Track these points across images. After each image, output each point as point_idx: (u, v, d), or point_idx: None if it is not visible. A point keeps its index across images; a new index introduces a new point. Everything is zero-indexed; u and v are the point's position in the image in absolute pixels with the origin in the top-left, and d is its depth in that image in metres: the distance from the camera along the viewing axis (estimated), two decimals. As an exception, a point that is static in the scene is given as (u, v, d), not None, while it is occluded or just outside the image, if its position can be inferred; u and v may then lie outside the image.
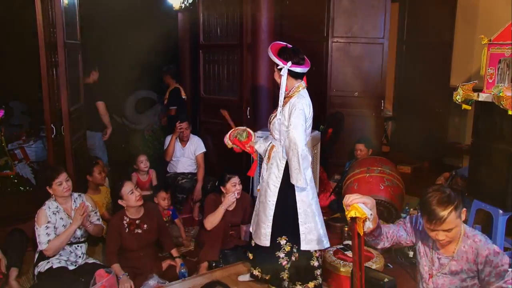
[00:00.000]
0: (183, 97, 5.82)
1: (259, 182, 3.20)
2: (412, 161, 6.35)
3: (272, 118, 3.03)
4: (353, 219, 1.94)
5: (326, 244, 3.04)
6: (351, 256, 3.26)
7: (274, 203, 2.97)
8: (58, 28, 4.00)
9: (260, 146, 3.22)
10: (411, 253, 3.57)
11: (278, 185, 2.96)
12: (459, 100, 3.36)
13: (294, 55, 2.86)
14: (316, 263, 3.04)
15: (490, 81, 3.26)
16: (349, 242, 3.55)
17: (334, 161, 5.57)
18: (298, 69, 2.86)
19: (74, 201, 3.33)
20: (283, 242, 3.01)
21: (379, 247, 2.29)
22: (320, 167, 4.89)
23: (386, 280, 2.62)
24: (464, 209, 2.08)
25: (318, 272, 3.05)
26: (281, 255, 3.02)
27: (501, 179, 3.19)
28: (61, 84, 4.07)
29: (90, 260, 3.36)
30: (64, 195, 3.23)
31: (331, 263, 3.22)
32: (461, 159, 5.85)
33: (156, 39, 6.85)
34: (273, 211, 2.97)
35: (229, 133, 3.36)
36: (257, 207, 3.18)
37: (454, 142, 6.06)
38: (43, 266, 3.15)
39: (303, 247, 2.97)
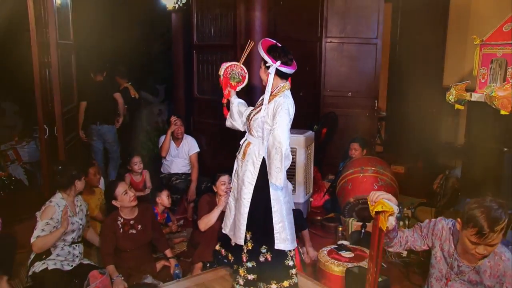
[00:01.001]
0: (133, 96, 6.03)
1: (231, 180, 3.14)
2: (405, 161, 6.36)
3: (253, 114, 2.99)
4: (378, 213, 1.96)
5: (295, 243, 3.01)
6: (345, 256, 3.27)
7: (249, 200, 2.91)
8: (51, 28, 3.99)
9: (237, 102, 3.18)
10: (404, 253, 3.58)
11: (254, 183, 2.91)
12: (452, 100, 3.39)
13: (283, 55, 2.86)
14: (291, 263, 2.98)
15: (483, 81, 3.29)
16: (344, 242, 3.56)
17: (328, 161, 5.59)
18: (285, 69, 2.86)
19: (77, 200, 3.38)
20: (248, 236, 2.94)
21: (391, 250, 2.30)
22: (314, 167, 4.90)
23: (380, 279, 2.64)
24: None
25: (293, 271, 2.99)
26: (245, 249, 2.96)
27: (494, 178, 3.21)
28: (54, 84, 4.06)
29: (85, 261, 3.35)
30: (82, 189, 3.41)
31: (325, 262, 3.22)
32: (454, 159, 5.88)
33: (150, 40, 6.84)
34: (248, 208, 2.91)
35: (232, 63, 3.21)
36: (230, 205, 3.12)
37: (447, 141, 6.08)
38: (38, 267, 3.12)
39: (278, 246, 2.91)
